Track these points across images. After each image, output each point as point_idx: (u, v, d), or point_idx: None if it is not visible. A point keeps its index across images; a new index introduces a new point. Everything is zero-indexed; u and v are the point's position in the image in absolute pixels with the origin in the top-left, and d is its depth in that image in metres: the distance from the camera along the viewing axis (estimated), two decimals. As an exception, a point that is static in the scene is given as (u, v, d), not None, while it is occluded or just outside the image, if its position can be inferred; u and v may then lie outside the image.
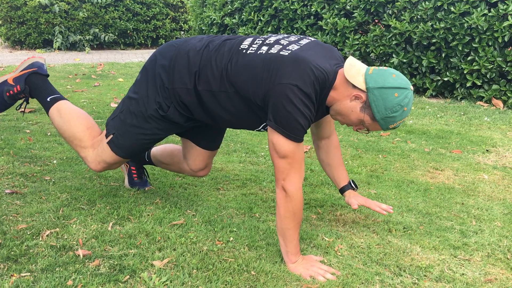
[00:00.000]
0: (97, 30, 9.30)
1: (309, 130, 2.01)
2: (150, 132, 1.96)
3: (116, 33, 9.62)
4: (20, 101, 2.27)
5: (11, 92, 2.17)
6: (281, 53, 1.70)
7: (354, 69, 1.69)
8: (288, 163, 1.69)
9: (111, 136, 2.01)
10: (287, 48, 1.72)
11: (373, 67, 1.71)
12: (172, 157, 2.27)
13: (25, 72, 2.19)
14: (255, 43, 1.80)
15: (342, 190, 2.09)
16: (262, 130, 1.89)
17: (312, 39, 1.81)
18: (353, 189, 2.07)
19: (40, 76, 2.19)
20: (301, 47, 1.72)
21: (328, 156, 2.06)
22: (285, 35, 1.83)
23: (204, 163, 2.18)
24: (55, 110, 2.13)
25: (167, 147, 2.32)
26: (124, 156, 2.03)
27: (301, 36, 1.84)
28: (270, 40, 1.79)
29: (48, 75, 2.22)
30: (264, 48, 1.75)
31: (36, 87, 2.17)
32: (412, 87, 1.69)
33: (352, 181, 2.09)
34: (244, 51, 1.77)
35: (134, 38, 10.01)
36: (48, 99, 2.15)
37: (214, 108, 1.85)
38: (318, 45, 1.77)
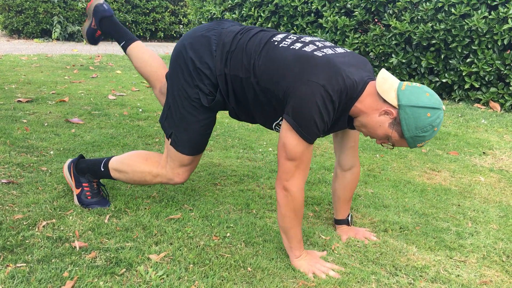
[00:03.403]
0: (95, 21, 9.25)
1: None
2: (202, 117, 1.89)
3: (115, 25, 9.55)
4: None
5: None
6: (315, 53, 1.67)
7: (387, 84, 1.64)
8: (294, 166, 1.66)
9: (171, 136, 1.93)
10: (322, 50, 1.69)
11: (405, 83, 1.66)
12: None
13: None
14: (289, 37, 1.77)
15: (337, 222, 2.08)
16: (277, 129, 1.84)
17: (347, 50, 1.78)
18: (348, 225, 2.07)
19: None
20: (336, 54, 1.69)
21: (341, 190, 2.02)
22: (321, 39, 1.80)
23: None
24: (115, 172, 2.05)
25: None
26: (190, 153, 1.94)
27: (335, 45, 1.81)
28: (305, 39, 1.76)
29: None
30: (298, 45, 1.72)
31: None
32: (444, 107, 1.64)
33: (351, 216, 2.09)
34: (275, 43, 1.75)
35: (132, 30, 9.97)
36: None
37: (240, 96, 1.81)
38: (352, 55, 1.74)
